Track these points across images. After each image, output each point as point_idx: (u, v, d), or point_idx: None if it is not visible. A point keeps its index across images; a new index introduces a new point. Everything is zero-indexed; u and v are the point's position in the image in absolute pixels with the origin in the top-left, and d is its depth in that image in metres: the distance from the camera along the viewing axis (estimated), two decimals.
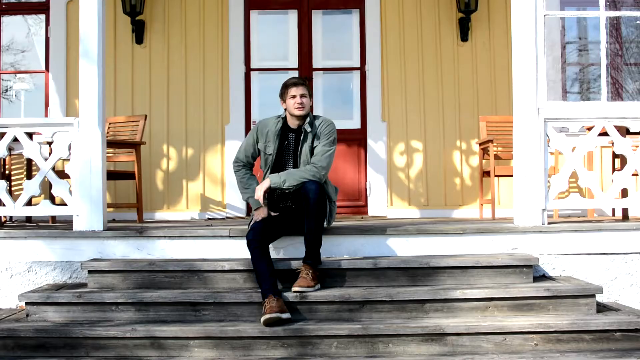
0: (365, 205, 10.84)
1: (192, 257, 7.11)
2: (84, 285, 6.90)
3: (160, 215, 10.66)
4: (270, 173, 6.78)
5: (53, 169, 7.63)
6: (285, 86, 6.85)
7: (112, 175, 9.35)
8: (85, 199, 7.40)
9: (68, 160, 7.59)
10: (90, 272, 6.79)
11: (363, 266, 6.66)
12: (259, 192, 6.60)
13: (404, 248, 7.16)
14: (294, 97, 6.77)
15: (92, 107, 7.44)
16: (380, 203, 10.77)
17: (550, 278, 7.01)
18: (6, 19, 11.35)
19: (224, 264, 6.68)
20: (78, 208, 7.43)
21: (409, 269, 6.66)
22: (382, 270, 6.65)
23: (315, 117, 6.93)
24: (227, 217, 10.61)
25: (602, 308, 6.51)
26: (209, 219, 10.51)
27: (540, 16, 7.36)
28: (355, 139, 10.92)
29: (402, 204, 10.77)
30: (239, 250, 7.05)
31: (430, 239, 7.20)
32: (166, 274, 6.71)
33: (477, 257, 6.86)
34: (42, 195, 7.74)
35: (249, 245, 6.38)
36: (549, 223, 7.36)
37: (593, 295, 6.35)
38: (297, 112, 6.77)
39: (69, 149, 7.49)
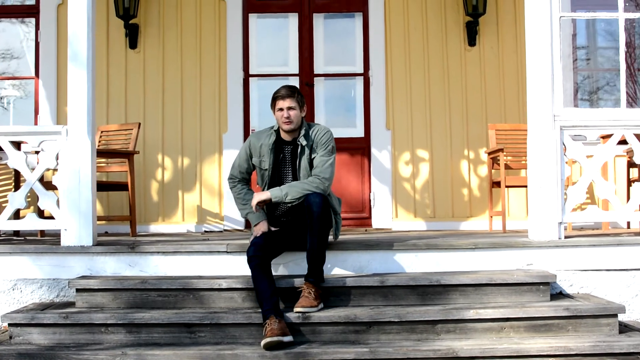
0: (369, 217, 10.62)
1: (187, 275, 6.83)
2: (71, 304, 6.62)
3: (155, 227, 10.42)
4: (268, 189, 6.51)
5: (41, 180, 7.34)
6: (273, 98, 6.59)
7: (104, 187, 9.24)
8: (73, 212, 7.07)
9: (56, 170, 7.26)
10: (78, 290, 6.51)
11: (369, 284, 6.38)
12: (254, 201, 6.34)
13: (413, 264, 6.87)
14: (280, 110, 6.51)
15: (81, 114, 7.12)
16: (385, 215, 10.53)
17: (567, 296, 6.72)
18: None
19: (222, 281, 6.40)
20: (66, 222, 7.10)
21: (419, 286, 6.39)
22: (389, 288, 6.38)
23: (310, 127, 6.66)
24: (225, 230, 10.39)
25: (624, 328, 6.21)
26: (205, 231, 10.27)
27: (555, 17, 7.10)
28: (359, 148, 10.70)
29: (407, 216, 10.54)
30: (237, 266, 6.79)
31: (441, 255, 6.90)
32: (159, 293, 6.44)
33: (490, 273, 6.59)
34: (32, 208, 7.38)
35: (249, 262, 6.11)
36: (565, 237, 7.06)
37: (615, 315, 6.06)
38: (285, 127, 6.52)
39: (57, 158, 7.18)
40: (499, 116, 10.52)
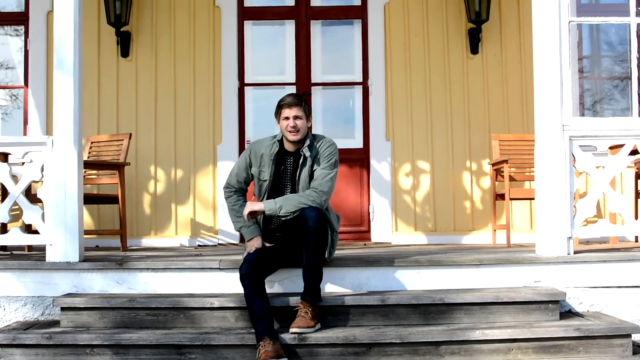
0: (368, 231, 10.41)
1: (178, 292, 6.59)
2: (56, 323, 6.36)
3: (147, 241, 10.18)
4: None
5: (27, 192, 7.19)
6: (279, 106, 6.32)
7: (94, 199, 9.17)
8: (59, 227, 6.83)
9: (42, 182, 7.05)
10: (63, 309, 6.29)
11: (369, 303, 6.15)
12: (245, 211, 6.09)
13: (415, 281, 6.63)
14: (286, 119, 6.24)
15: (67, 124, 6.89)
16: (385, 228, 10.32)
17: (577, 314, 6.49)
18: None
19: (214, 300, 6.17)
20: (51, 236, 6.86)
21: (421, 305, 6.16)
22: (390, 307, 6.16)
23: (315, 138, 6.40)
24: (220, 244, 10.17)
25: (637, 349, 5.99)
26: (199, 245, 10.06)
27: (564, 22, 6.87)
28: (358, 159, 10.51)
29: (407, 229, 10.32)
30: (230, 284, 6.54)
31: (444, 271, 6.67)
32: (148, 312, 6.20)
33: (496, 291, 6.36)
34: (21, 220, 7.16)
35: (242, 280, 5.89)
36: (574, 252, 6.82)
37: (629, 335, 5.84)
38: (290, 137, 6.26)
39: (42, 170, 6.96)
40: (502, 126, 10.34)
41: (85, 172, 9.15)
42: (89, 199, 9.08)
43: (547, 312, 6.19)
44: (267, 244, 6.35)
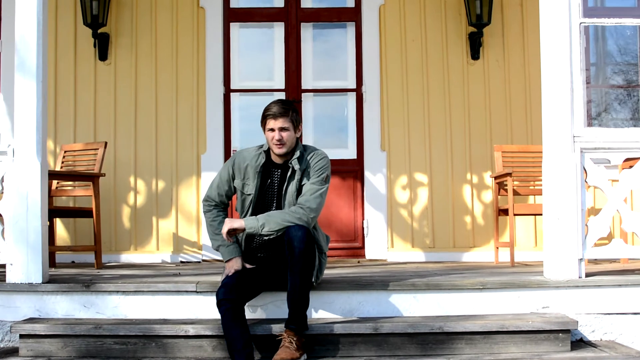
0: (362, 247, 10.07)
1: (150, 318, 6.17)
2: (14, 352, 5.94)
3: (126, 257, 9.83)
4: None
5: None
6: (264, 116, 5.90)
7: (67, 213, 9.02)
8: (20, 244, 6.38)
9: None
10: (22, 336, 5.84)
11: (361, 331, 5.76)
12: (224, 228, 5.66)
13: (411, 307, 6.23)
14: (271, 130, 5.83)
15: (29, 131, 6.44)
16: (380, 244, 9.97)
17: (589, 344, 6.07)
18: None
19: (189, 327, 5.73)
20: (12, 255, 6.40)
21: (418, 334, 5.77)
22: (384, 336, 5.76)
23: (306, 149, 6.00)
24: (204, 260, 9.83)
25: None
26: (182, 262, 9.74)
27: (575, 24, 6.43)
28: (351, 171, 10.19)
29: (404, 246, 9.97)
30: (208, 309, 6.11)
31: (443, 296, 6.26)
32: (116, 340, 5.76)
33: (501, 319, 5.96)
34: None
35: (219, 306, 5.49)
36: (586, 275, 6.39)
37: None
38: (277, 150, 5.87)
39: (2, 182, 6.54)
40: (504, 137, 10.04)
41: (58, 183, 8.99)
42: (63, 213, 8.88)
43: (557, 343, 5.78)
44: (248, 265, 5.98)
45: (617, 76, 10.75)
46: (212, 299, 5.86)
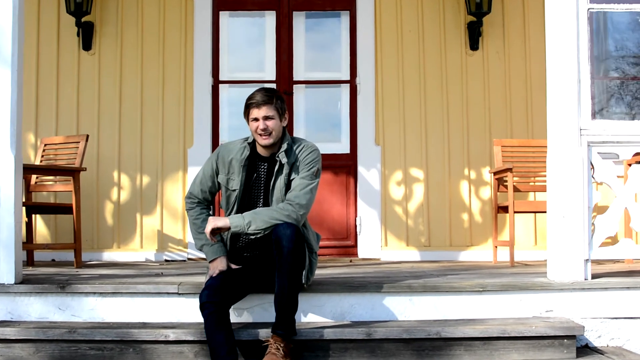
0: (355, 245, 9.94)
1: (129, 321, 5.91)
2: None
3: (109, 255, 9.67)
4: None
5: None
6: (246, 105, 5.69)
7: (47, 209, 8.89)
8: None
9: None
10: None
11: (353, 336, 5.54)
12: (207, 227, 5.43)
13: (407, 310, 5.98)
14: (255, 120, 5.60)
15: (3, 123, 6.20)
16: (373, 243, 9.84)
17: (596, 350, 5.86)
18: None
19: (169, 332, 5.50)
20: None
21: (414, 340, 5.55)
22: (378, 342, 5.55)
23: (294, 141, 5.77)
24: (189, 259, 9.67)
25: None
26: (166, 260, 9.58)
27: (583, 11, 6.22)
28: (344, 166, 10.07)
29: (398, 244, 9.85)
30: (190, 312, 5.88)
31: (440, 298, 6.02)
32: (92, 345, 5.53)
33: (502, 323, 5.73)
34: None
35: (202, 309, 5.28)
36: (592, 277, 6.18)
37: None
38: (262, 141, 5.63)
39: None
40: (504, 131, 9.94)
41: (38, 178, 8.81)
42: (42, 209, 8.69)
43: (561, 349, 5.57)
44: (234, 266, 5.74)
45: (627, 67, 10.63)
46: (195, 302, 5.66)
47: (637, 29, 10.50)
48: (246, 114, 5.66)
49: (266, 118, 5.52)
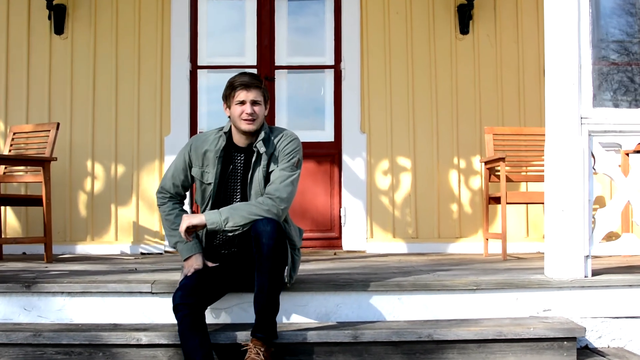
0: (339, 237, 9.77)
1: (99, 323, 5.64)
2: None
3: (82, 248, 9.45)
4: (211, 210, 5.35)
5: None
6: (232, 87, 5.34)
7: (15, 201, 8.65)
8: None
9: None
10: None
11: (339, 339, 5.30)
12: (182, 226, 5.13)
13: (395, 310, 5.74)
14: (241, 103, 5.27)
15: None
16: (358, 234, 9.66)
17: (596, 352, 5.66)
18: None
19: (141, 335, 5.23)
20: None
21: (404, 343, 5.31)
22: (365, 345, 5.31)
23: (272, 131, 5.49)
24: (166, 252, 9.47)
25: None
26: (142, 253, 9.36)
27: None
28: (328, 155, 9.89)
29: (384, 236, 9.68)
30: (165, 312, 5.61)
31: (432, 297, 5.78)
32: (58, 350, 5.26)
33: (498, 324, 5.52)
34: None
35: (175, 311, 4.99)
36: (592, 274, 5.94)
37: None
38: (245, 127, 5.31)
39: None
40: (495, 118, 9.77)
41: (6, 168, 8.60)
42: (11, 200, 8.55)
43: (561, 352, 5.35)
44: (210, 264, 5.46)
45: (620, 53, 10.48)
46: (169, 301, 5.33)
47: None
48: (230, 96, 5.36)
49: (254, 103, 5.27)
